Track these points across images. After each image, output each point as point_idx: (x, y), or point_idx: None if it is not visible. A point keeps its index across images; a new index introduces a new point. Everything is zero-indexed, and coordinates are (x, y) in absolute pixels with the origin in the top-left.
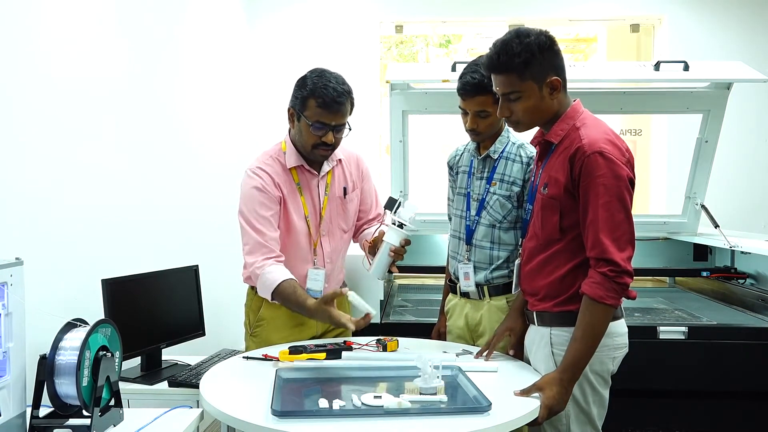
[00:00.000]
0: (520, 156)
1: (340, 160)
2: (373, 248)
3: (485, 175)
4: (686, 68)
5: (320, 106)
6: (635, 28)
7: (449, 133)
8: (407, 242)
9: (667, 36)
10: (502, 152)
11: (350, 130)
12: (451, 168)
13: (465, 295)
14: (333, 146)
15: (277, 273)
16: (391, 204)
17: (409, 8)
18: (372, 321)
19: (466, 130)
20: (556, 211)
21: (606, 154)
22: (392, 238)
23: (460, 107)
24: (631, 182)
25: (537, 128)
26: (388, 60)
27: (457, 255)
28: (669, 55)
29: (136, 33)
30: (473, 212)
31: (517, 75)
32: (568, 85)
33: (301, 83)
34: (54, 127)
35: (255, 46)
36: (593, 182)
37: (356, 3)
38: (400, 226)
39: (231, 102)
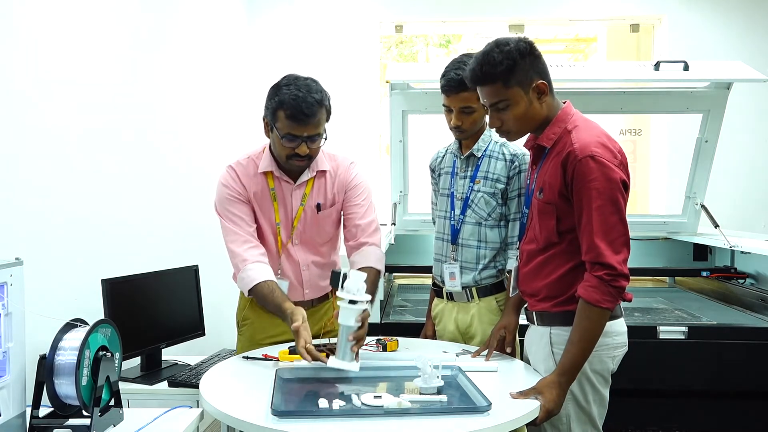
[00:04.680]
0: (503, 154)
1: (324, 171)
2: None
3: (469, 173)
4: (686, 68)
5: (289, 118)
6: (635, 27)
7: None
8: (366, 317)
9: (667, 36)
10: (485, 150)
11: (326, 139)
12: (433, 171)
13: (451, 298)
14: (308, 156)
15: (258, 272)
16: (335, 279)
17: (409, 8)
18: (372, 321)
19: (451, 128)
20: (553, 216)
21: (597, 157)
22: (347, 318)
23: (444, 105)
24: (624, 184)
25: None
26: (388, 60)
27: (442, 256)
28: (669, 55)
29: (135, 33)
30: (457, 211)
31: (502, 83)
32: (568, 85)
33: (272, 92)
34: (54, 127)
35: (255, 46)
36: (586, 186)
37: (356, 3)
38: (353, 303)
39: (230, 102)
